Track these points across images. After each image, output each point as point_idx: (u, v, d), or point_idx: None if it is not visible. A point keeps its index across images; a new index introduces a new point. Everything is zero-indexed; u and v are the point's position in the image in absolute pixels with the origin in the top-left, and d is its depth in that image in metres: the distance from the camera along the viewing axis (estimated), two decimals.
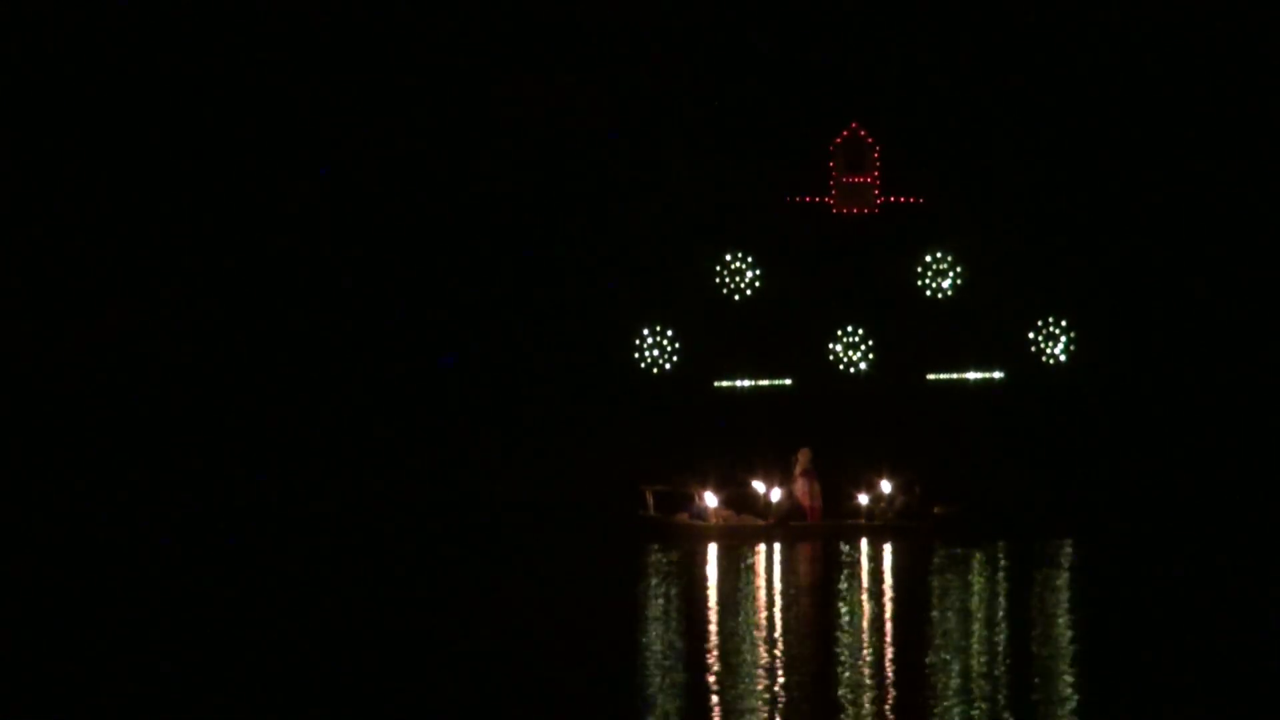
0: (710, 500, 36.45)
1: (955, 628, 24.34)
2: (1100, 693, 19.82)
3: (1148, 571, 30.84)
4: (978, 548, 33.80)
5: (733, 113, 45.07)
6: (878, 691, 19.96)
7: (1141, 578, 29.95)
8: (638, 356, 44.90)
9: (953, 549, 33.37)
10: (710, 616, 25.89)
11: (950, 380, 45.59)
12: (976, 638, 23.68)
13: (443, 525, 38.86)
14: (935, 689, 19.86)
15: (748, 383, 45.13)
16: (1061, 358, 45.81)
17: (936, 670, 21.00)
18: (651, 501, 37.27)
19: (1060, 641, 23.21)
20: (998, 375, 45.71)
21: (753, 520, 36.42)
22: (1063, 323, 45.83)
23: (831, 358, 45.49)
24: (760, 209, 45.12)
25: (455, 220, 44.42)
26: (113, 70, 43.47)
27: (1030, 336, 45.84)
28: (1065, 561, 32.58)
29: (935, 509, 36.30)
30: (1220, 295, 45.35)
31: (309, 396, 43.42)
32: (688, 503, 36.83)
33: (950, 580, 29.67)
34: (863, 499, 36.60)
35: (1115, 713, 19.02)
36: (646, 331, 44.92)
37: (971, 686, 20.02)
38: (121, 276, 43.45)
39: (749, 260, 45.31)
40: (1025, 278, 45.62)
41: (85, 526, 38.15)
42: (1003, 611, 26.28)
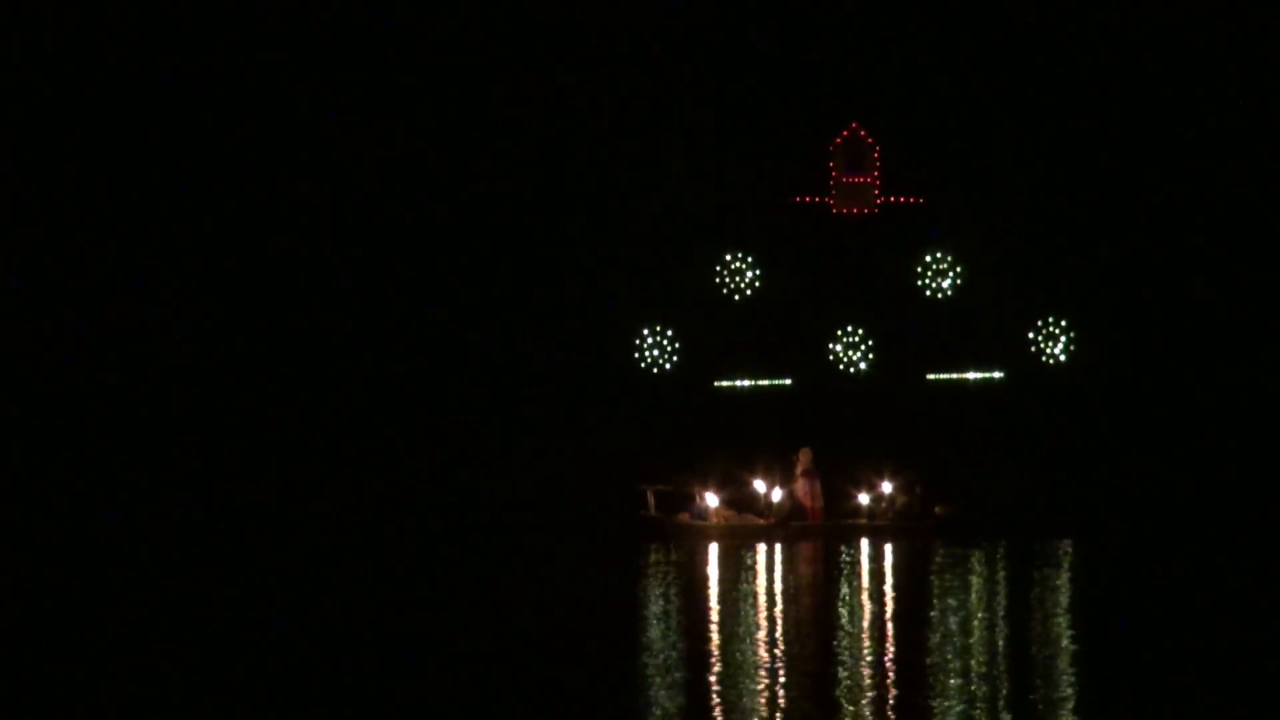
0: (711, 500, 36.43)
1: (955, 628, 24.34)
2: (1100, 693, 19.82)
3: (1148, 571, 30.84)
4: (978, 548, 33.79)
5: (733, 113, 45.08)
6: (878, 691, 19.97)
7: (1141, 578, 29.95)
8: (638, 356, 44.91)
9: (953, 549, 33.37)
10: (711, 616, 25.88)
11: (950, 380, 45.60)
12: (977, 638, 23.68)
13: (443, 525, 38.85)
14: (936, 689, 19.86)
15: (748, 383, 45.14)
16: (1061, 358, 45.82)
17: (937, 670, 21.00)
18: (652, 501, 37.25)
19: (1060, 641, 23.20)
20: (998, 375, 45.72)
21: (754, 520, 36.40)
22: (1063, 323, 45.84)
23: (831, 358, 45.50)
24: (760, 209, 45.14)
25: (455, 220, 44.42)
26: (113, 70, 43.48)
27: (1030, 336, 45.85)
28: (1065, 561, 32.57)
29: (936, 509, 36.29)
30: (1220, 295, 45.36)
31: (309, 396, 43.42)
32: (689, 503, 36.82)
33: (950, 580, 29.67)
34: (863, 499, 36.60)
35: (1115, 713, 19.02)
36: (646, 331, 44.94)
37: (972, 686, 20.03)
38: (121, 276, 43.46)
39: (749, 260, 45.32)
40: (1025, 278, 45.64)
41: (85, 526, 38.15)
42: (1003, 611, 26.27)
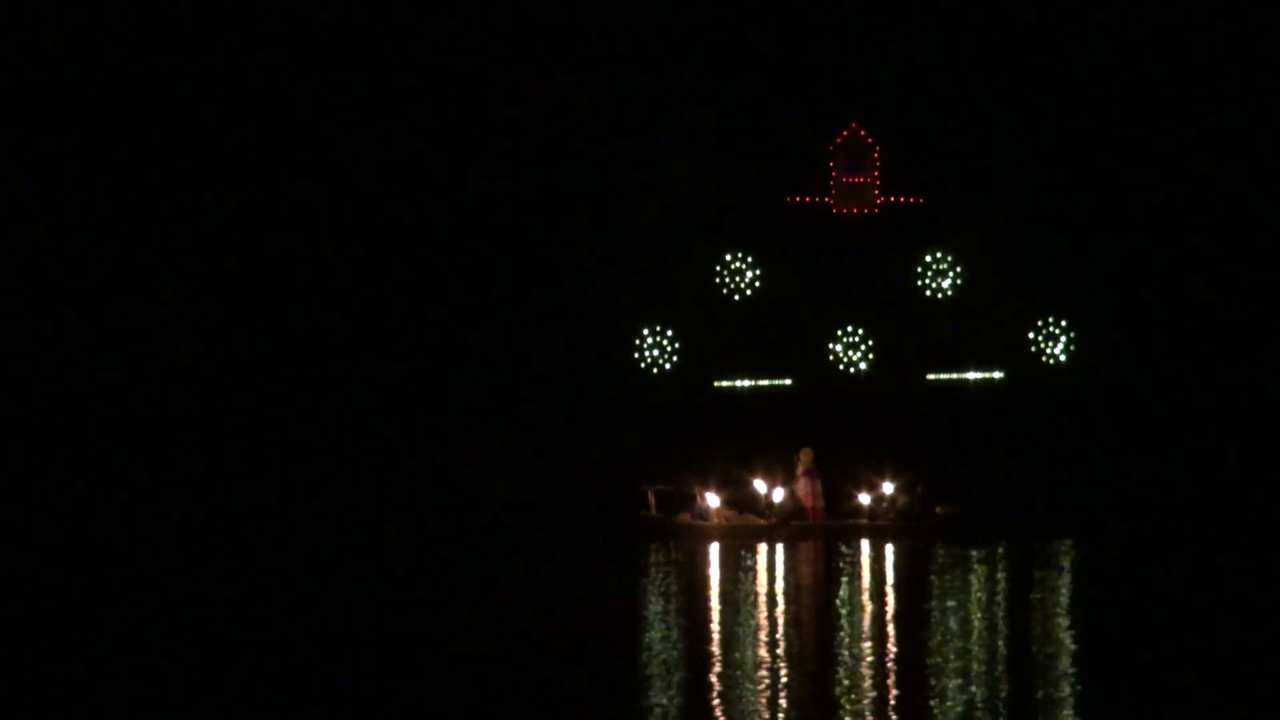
0: (712, 500, 36.43)
1: (956, 628, 24.33)
2: (1100, 693, 19.81)
3: (1148, 571, 30.83)
4: (978, 548, 33.79)
5: (733, 113, 45.07)
6: (878, 691, 19.97)
7: (1141, 578, 29.94)
8: (638, 356, 44.90)
9: (953, 549, 33.36)
10: (711, 616, 25.88)
11: (950, 380, 45.59)
12: (977, 638, 23.68)
13: (443, 525, 38.85)
14: (936, 689, 19.86)
15: (748, 383, 45.13)
16: (1061, 358, 45.82)
17: (937, 670, 21.00)
18: (653, 501, 37.25)
19: (1060, 641, 23.20)
20: (998, 375, 45.72)
21: (754, 520, 36.40)
22: (1063, 323, 45.84)
23: (831, 358, 45.50)
24: (760, 209, 45.14)
25: (455, 220, 44.42)
26: (113, 70, 43.47)
27: (1030, 336, 45.85)
28: (1065, 561, 32.57)
29: (937, 509, 36.28)
30: (1220, 295, 45.35)
31: (309, 396, 43.41)
32: (689, 503, 36.81)
33: (951, 580, 29.66)
34: (864, 499, 36.59)
35: (1115, 713, 19.02)
36: (646, 331, 44.93)
37: (972, 686, 20.02)
38: (121, 276, 43.45)
39: (749, 260, 45.31)
40: (1025, 278, 45.64)
41: (85, 526, 38.14)
42: (1003, 612, 26.27)
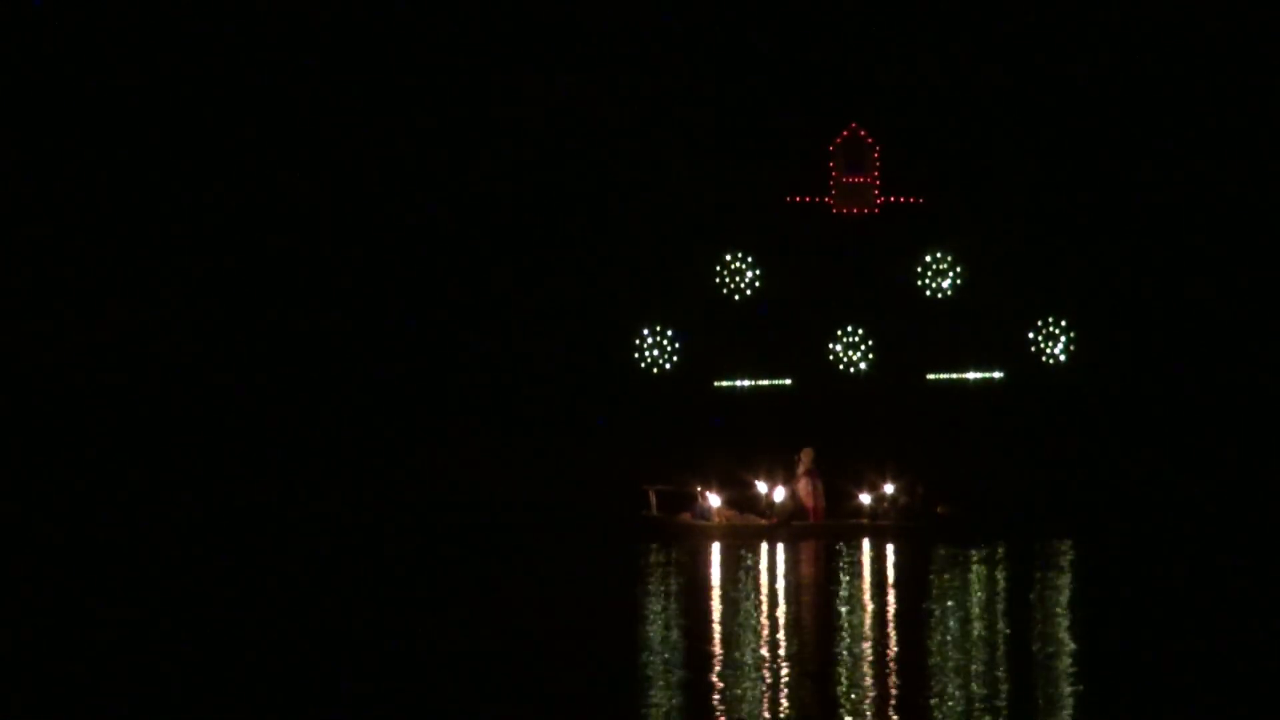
0: (713, 500, 36.44)
1: (956, 628, 24.34)
2: (1100, 693, 19.82)
3: (1148, 571, 30.83)
4: (979, 548, 33.78)
5: (733, 113, 45.08)
6: (879, 691, 19.97)
7: (1141, 578, 29.94)
8: (638, 356, 44.91)
9: (954, 549, 33.36)
10: (712, 616, 25.88)
11: (950, 380, 45.60)
12: (977, 638, 23.68)
13: (443, 525, 38.84)
14: (936, 689, 19.86)
15: (748, 383, 45.13)
16: (1061, 358, 45.83)
17: (937, 670, 21.00)
18: (654, 501, 37.25)
19: (1060, 641, 23.20)
20: (998, 375, 45.72)
21: (755, 520, 36.39)
22: (1063, 323, 45.85)
23: (831, 358, 45.50)
24: (760, 209, 45.15)
25: (455, 220, 44.42)
26: (113, 70, 43.48)
27: (1030, 336, 45.86)
28: (1065, 561, 32.57)
29: (938, 509, 36.28)
30: (1220, 295, 45.36)
31: (309, 396, 43.41)
32: (691, 503, 36.81)
33: (951, 580, 29.67)
34: (865, 499, 36.59)
35: (1115, 713, 19.01)
36: (646, 331, 44.93)
37: (972, 686, 20.03)
38: (121, 276, 43.46)
39: (749, 260, 45.32)
40: (1025, 278, 45.66)
41: (85, 526, 38.13)
42: (1003, 611, 26.28)
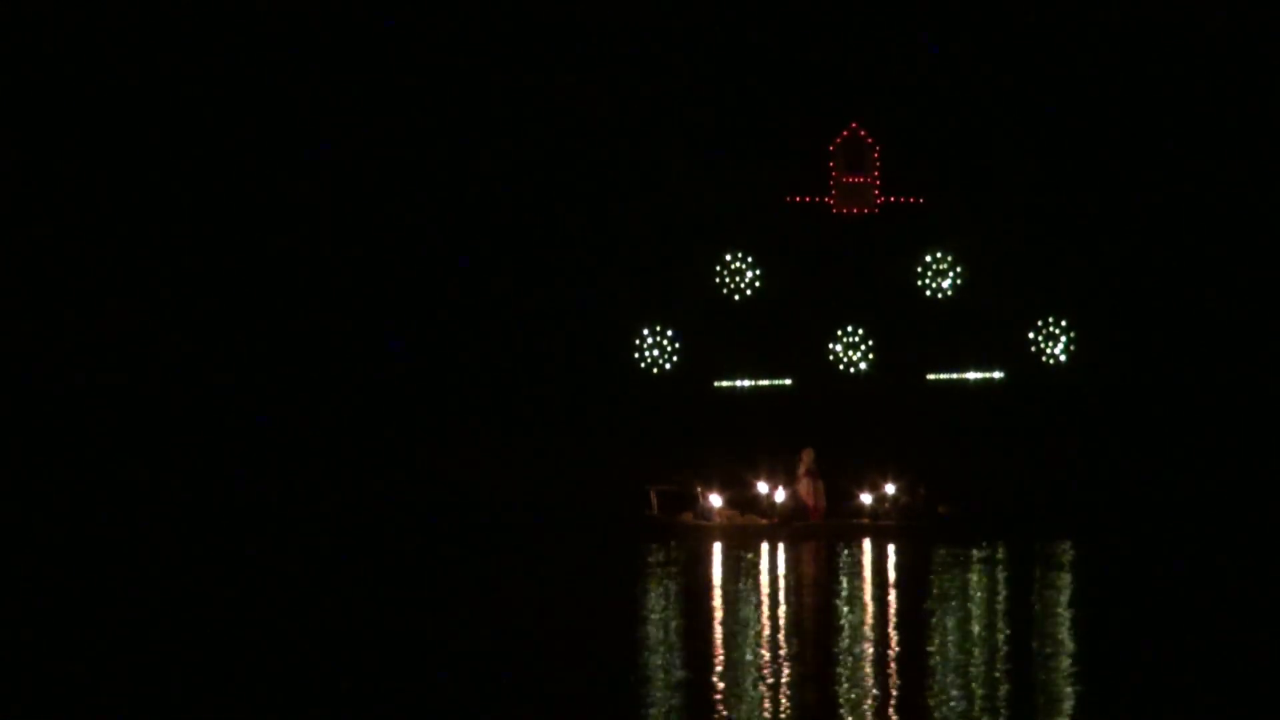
0: (715, 500, 36.46)
1: (956, 628, 24.34)
2: (1100, 693, 19.82)
3: (1148, 571, 30.83)
4: (979, 548, 33.79)
5: (733, 113, 45.09)
6: (880, 690, 19.97)
7: (1141, 578, 29.95)
8: (638, 356, 44.91)
9: (954, 549, 33.37)
10: (713, 616, 25.88)
11: (950, 380, 45.60)
12: (978, 638, 23.69)
13: (443, 525, 38.84)
14: (937, 689, 19.87)
15: (748, 383, 45.14)
16: (1061, 358, 45.82)
17: (938, 670, 21.00)
18: (656, 501, 37.28)
19: (1060, 641, 23.21)
20: (998, 375, 45.73)
21: (757, 520, 36.41)
22: (1063, 323, 45.85)
23: (831, 358, 45.51)
24: (760, 209, 45.16)
25: (455, 220, 44.43)
26: (113, 70, 43.48)
27: (1030, 336, 45.86)
28: (1065, 562, 32.57)
29: (939, 509, 36.29)
30: (1220, 295, 45.36)
31: (309, 396, 43.42)
32: (692, 503, 36.84)
33: (952, 580, 29.67)
34: (865, 499, 36.60)
35: (1115, 713, 19.02)
36: (646, 331, 44.94)
37: (973, 686, 20.03)
38: (121, 276, 43.46)
39: (749, 260, 45.33)
40: (1025, 278, 45.66)
41: (85, 526, 38.14)
42: (1003, 611, 26.28)
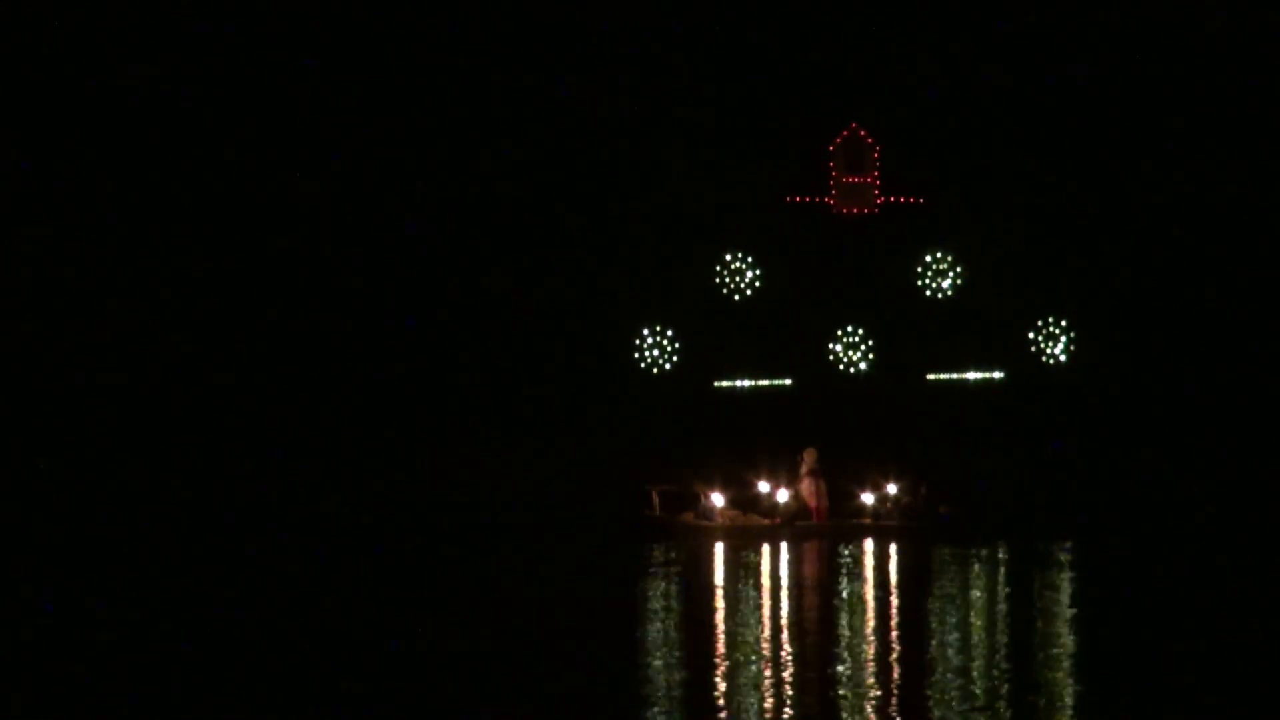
0: (716, 500, 36.47)
1: (957, 628, 24.34)
2: (1100, 693, 19.82)
3: (1148, 571, 30.83)
4: (980, 548, 33.80)
5: (733, 113, 45.09)
6: (881, 690, 19.98)
7: (1141, 578, 29.94)
8: (638, 356, 44.91)
9: (955, 549, 33.37)
10: (714, 616, 25.88)
11: (950, 380, 45.60)
12: (978, 638, 23.69)
13: (443, 525, 38.84)
14: (937, 689, 19.87)
15: (748, 383, 45.14)
16: (1061, 358, 45.82)
17: (938, 670, 21.01)
18: (657, 501, 37.29)
19: (1060, 641, 23.20)
20: (998, 375, 45.72)
21: (758, 520, 36.42)
22: (1063, 323, 45.85)
23: (831, 358, 45.50)
24: (760, 209, 45.16)
25: (455, 220, 44.43)
26: (113, 70, 43.48)
27: (1030, 336, 45.86)
28: (1065, 561, 32.57)
29: (940, 509, 36.30)
30: (1220, 295, 45.36)
31: (309, 396, 43.41)
32: (694, 503, 36.85)
33: (953, 580, 29.67)
34: (867, 499, 36.60)
35: (1115, 713, 19.02)
36: (646, 331, 44.94)
37: (973, 686, 20.03)
38: (121, 276, 43.45)
39: (749, 260, 45.33)
40: (1025, 278, 45.66)
41: (85, 526, 38.13)
42: (1004, 611, 26.29)
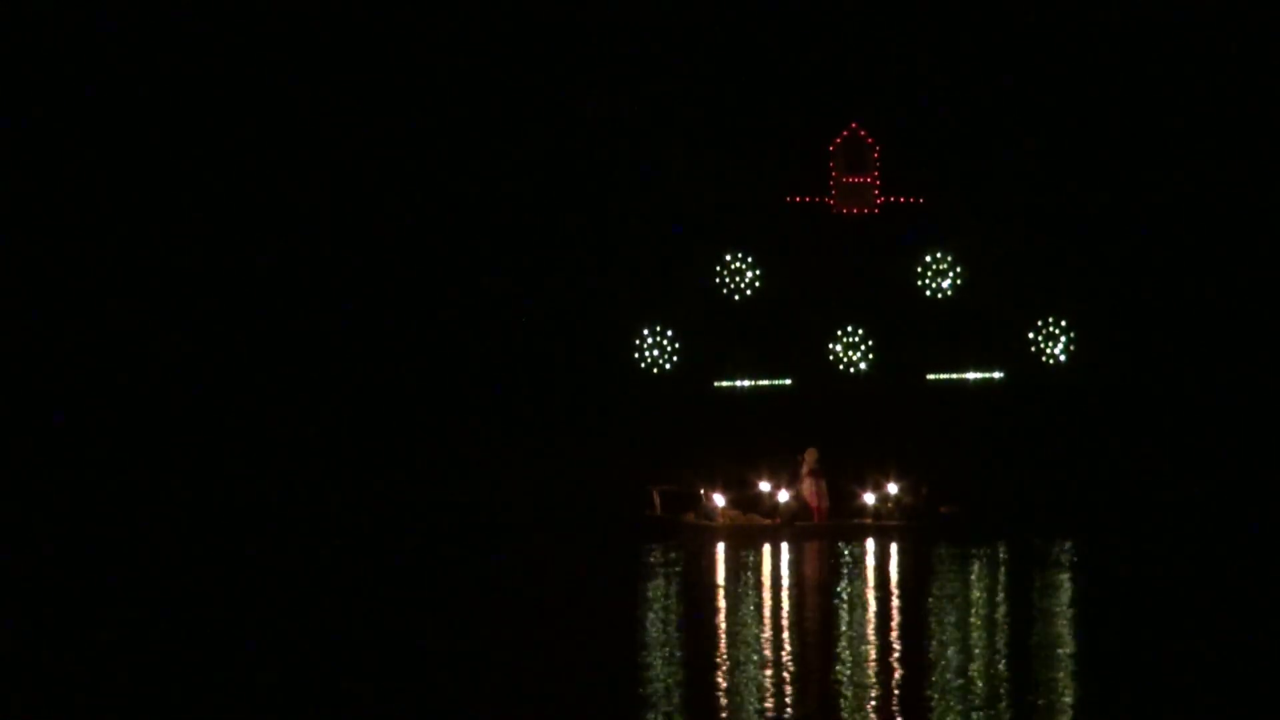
0: (718, 500, 36.49)
1: (957, 627, 24.35)
2: (1100, 693, 19.82)
3: (1148, 571, 30.84)
4: (981, 547, 33.81)
5: (733, 113, 45.09)
6: (881, 690, 19.98)
7: (1141, 578, 29.95)
8: (638, 356, 44.91)
9: (956, 549, 33.38)
10: (715, 616, 25.88)
11: (950, 380, 45.60)
12: (979, 637, 23.69)
13: (443, 525, 38.84)
14: (938, 689, 19.87)
15: (748, 383, 45.14)
16: (1061, 358, 45.82)
17: (939, 670, 21.01)
18: (659, 501, 37.31)
19: (1060, 641, 23.21)
20: (998, 375, 45.73)
21: (759, 520, 36.45)
22: (1063, 323, 45.85)
23: (831, 358, 45.50)
24: (760, 209, 45.15)
25: (455, 220, 44.43)
26: (113, 70, 43.48)
27: (1030, 336, 45.86)
28: (1065, 561, 32.58)
29: (942, 509, 36.33)
30: (1220, 295, 45.36)
31: (309, 396, 43.42)
32: (695, 503, 36.88)
33: (953, 580, 29.68)
34: (869, 499, 36.63)
35: (1115, 713, 19.02)
36: (646, 331, 44.94)
37: (973, 686, 20.03)
38: (121, 276, 43.46)
39: (749, 260, 45.32)
40: (1025, 278, 45.66)
41: (85, 526, 38.13)
42: (1004, 611, 26.29)
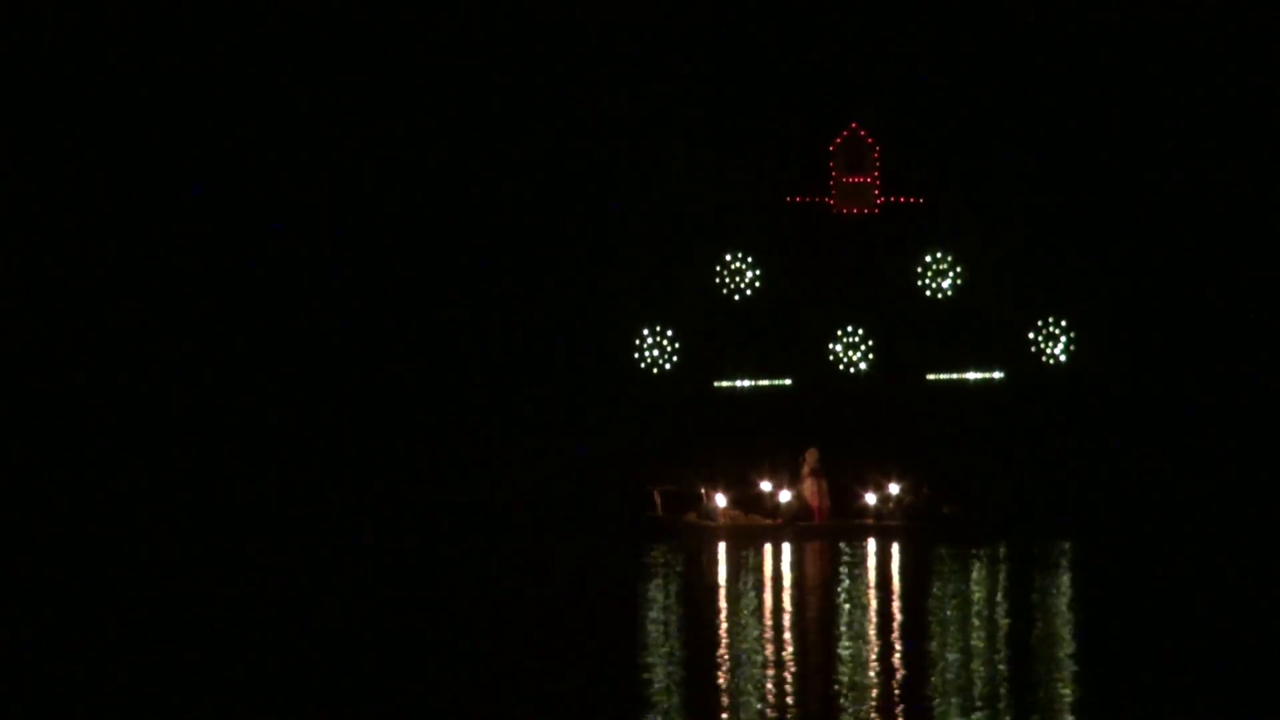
0: (719, 500, 36.49)
1: (958, 627, 24.35)
2: (1100, 693, 19.82)
3: (1148, 571, 30.84)
4: (982, 547, 33.81)
5: (733, 113, 45.08)
6: (881, 690, 19.98)
7: (1141, 578, 29.95)
8: (638, 356, 44.91)
9: (957, 549, 33.38)
10: (716, 616, 25.87)
11: (950, 380, 45.60)
12: (979, 637, 23.69)
13: (443, 525, 38.84)
14: (938, 689, 19.87)
15: (748, 383, 45.14)
16: (1061, 358, 45.82)
17: (939, 670, 21.01)
18: (659, 501, 37.31)
19: (1060, 641, 23.21)
20: (998, 375, 45.72)
21: (761, 520, 36.45)
22: (1063, 323, 45.84)
23: (831, 358, 45.50)
24: (760, 209, 45.15)
25: (455, 220, 44.43)
26: (113, 70, 43.47)
27: (1030, 336, 45.85)
28: (1065, 562, 32.58)
29: (943, 509, 36.34)
30: (1221, 295, 45.36)
31: (309, 396, 43.42)
32: (696, 503, 36.88)
33: (954, 580, 29.68)
34: (870, 499, 36.63)
35: (1115, 713, 19.02)
36: (646, 331, 44.94)
37: (973, 686, 20.03)
38: (121, 276, 43.45)
39: (749, 260, 45.33)
40: (1025, 278, 45.65)
41: (85, 526, 38.13)
42: (1005, 611, 26.29)
